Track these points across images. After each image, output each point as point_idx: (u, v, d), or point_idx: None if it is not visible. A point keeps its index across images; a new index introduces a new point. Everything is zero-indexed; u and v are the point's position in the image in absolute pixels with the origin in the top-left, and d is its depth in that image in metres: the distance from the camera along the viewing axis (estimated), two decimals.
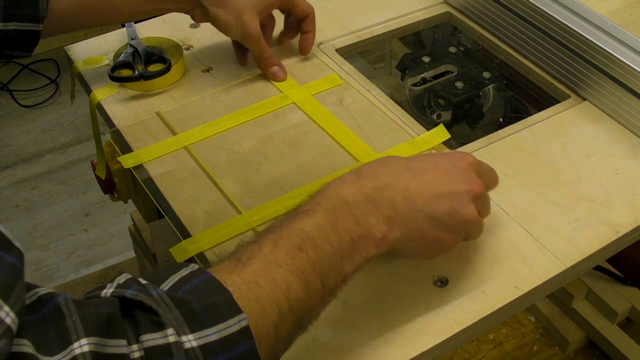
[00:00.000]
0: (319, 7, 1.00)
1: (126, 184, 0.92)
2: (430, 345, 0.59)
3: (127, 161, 0.76)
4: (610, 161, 0.76)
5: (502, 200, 0.71)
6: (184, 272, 0.46)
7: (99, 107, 0.85)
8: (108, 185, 0.92)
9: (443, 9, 1.01)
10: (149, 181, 0.75)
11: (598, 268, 1.31)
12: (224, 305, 0.44)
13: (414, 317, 0.61)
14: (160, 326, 0.42)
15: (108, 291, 0.44)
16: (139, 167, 0.76)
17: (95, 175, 0.93)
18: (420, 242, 0.58)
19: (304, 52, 0.91)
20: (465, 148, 0.78)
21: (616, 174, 0.75)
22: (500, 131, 0.80)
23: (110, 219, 1.86)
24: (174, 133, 0.80)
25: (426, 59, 0.96)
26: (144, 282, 0.45)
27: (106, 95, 0.85)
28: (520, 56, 0.92)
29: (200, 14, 0.85)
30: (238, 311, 0.44)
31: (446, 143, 0.79)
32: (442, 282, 0.63)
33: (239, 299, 0.45)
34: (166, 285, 0.46)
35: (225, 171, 0.75)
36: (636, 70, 0.77)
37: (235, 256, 0.49)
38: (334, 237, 0.52)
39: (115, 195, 0.95)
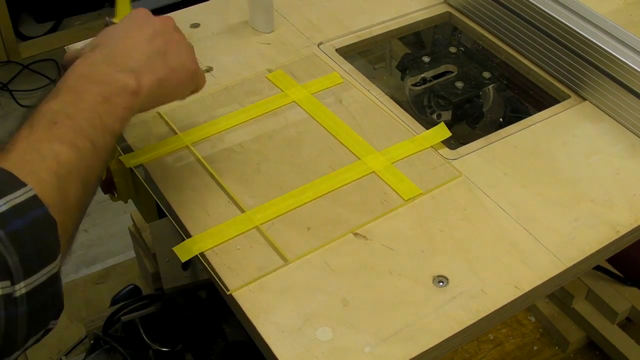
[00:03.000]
0: (319, 7, 1.00)
1: (126, 184, 0.92)
2: (430, 345, 0.59)
3: (128, 161, 0.77)
4: (610, 161, 0.76)
5: (502, 200, 0.71)
6: None
7: None
8: (108, 185, 0.92)
9: (443, 9, 1.01)
10: (150, 181, 0.75)
11: (598, 268, 1.31)
12: (6, 182, 0.48)
13: (414, 316, 0.61)
14: None
15: None
16: (140, 166, 0.76)
17: None
18: (173, 73, 0.64)
19: None
20: (466, 148, 0.78)
21: (616, 174, 0.75)
22: (500, 131, 0.80)
23: (110, 219, 1.86)
24: (174, 133, 0.80)
25: (426, 59, 0.96)
26: None
27: None
28: (520, 56, 0.92)
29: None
30: (22, 184, 0.48)
31: (446, 142, 0.79)
32: (442, 282, 0.63)
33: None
34: None
35: (225, 170, 0.75)
36: (636, 70, 0.77)
37: None
38: (83, 103, 0.57)
39: (115, 195, 0.95)
